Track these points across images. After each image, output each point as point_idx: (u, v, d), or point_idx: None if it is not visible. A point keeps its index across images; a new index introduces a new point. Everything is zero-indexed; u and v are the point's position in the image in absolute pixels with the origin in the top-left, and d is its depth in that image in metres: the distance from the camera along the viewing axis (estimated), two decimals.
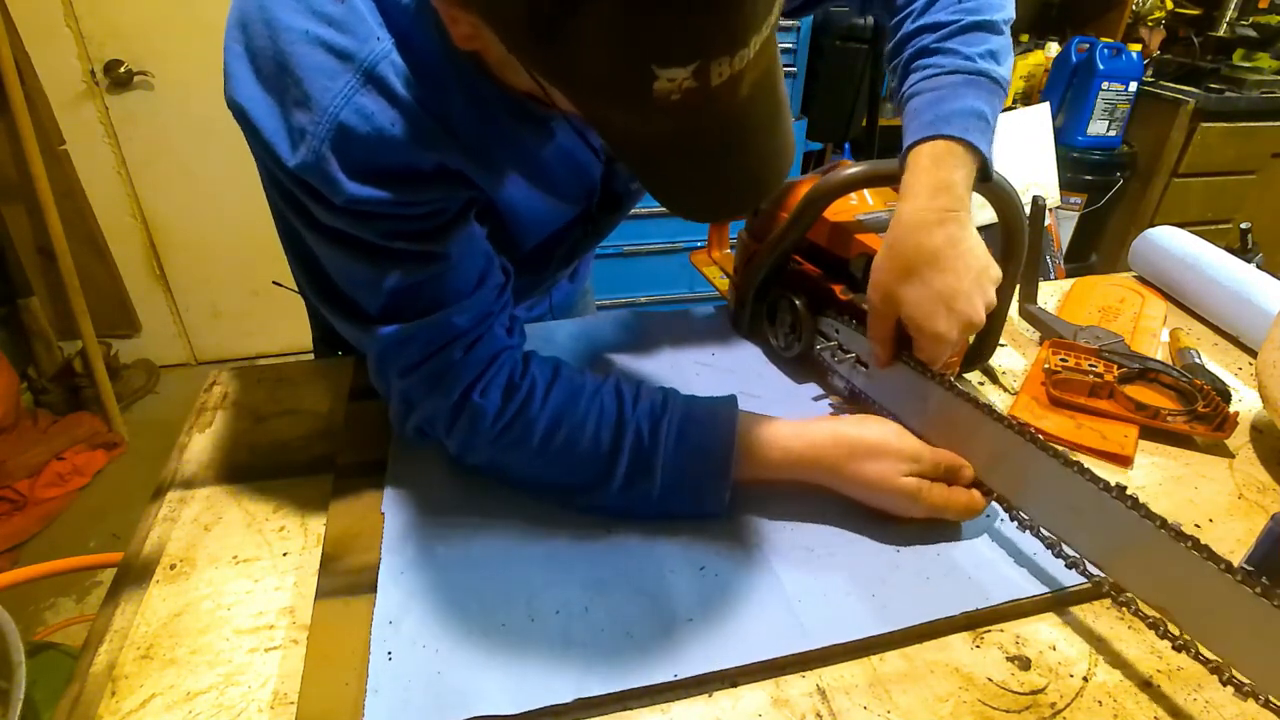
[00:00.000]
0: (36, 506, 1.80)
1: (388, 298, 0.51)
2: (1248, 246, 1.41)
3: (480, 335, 0.54)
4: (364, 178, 0.46)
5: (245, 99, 0.46)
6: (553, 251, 0.71)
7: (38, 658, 0.92)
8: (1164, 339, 0.84)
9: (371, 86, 0.45)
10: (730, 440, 0.54)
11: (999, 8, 0.62)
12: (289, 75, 0.45)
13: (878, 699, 0.44)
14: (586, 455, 0.53)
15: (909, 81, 0.62)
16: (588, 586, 0.50)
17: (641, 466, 0.53)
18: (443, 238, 0.51)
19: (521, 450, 0.54)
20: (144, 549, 0.54)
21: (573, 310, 0.93)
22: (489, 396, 0.53)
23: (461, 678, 0.44)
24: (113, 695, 0.44)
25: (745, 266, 0.74)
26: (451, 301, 0.52)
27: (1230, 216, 2.53)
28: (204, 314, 2.36)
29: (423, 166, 0.49)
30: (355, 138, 0.45)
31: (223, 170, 2.13)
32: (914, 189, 0.57)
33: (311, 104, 0.44)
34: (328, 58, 0.44)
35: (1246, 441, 0.69)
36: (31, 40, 1.86)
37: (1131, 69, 2.34)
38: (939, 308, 0.56)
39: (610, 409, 0.54)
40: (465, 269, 0.53)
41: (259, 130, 0.46)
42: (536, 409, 0.54)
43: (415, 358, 0.53)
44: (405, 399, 0.55)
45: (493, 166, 0.53)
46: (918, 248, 0.56)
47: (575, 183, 0.64)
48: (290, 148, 0.46)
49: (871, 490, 0.54)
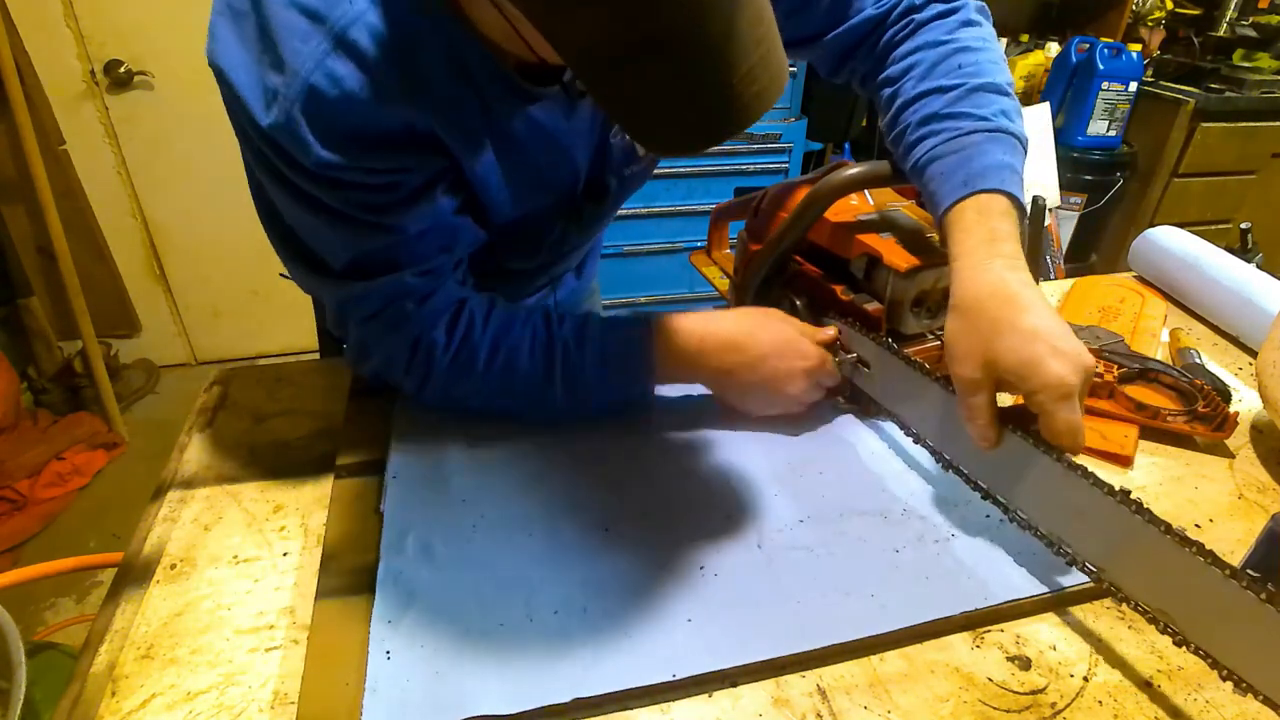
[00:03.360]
0: (36, 506, 1.80)
1: (349, 258, 0.55)
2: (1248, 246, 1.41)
3: (434, 289, 0.58)
4: (332, 142, 0.48)
5: (224, 58, 0.48)
6: (541, 239, 0.71)
7: (38, 658, 0.92)
8: (1164, 339, 0.84)
9: (342, 50, 0.46)
10: (649, 333, 0.61)
11: (999, 71, 0.61)
12: (265, 36, 0.46)
13: (878, 699, 0.44)
14: (525, 370, 0.60)
15: (925, 145, 0.59)
16: (586, 586, 0.50)
17: (574, 372, 0.60)
18: (404, 210, 0.54)
19: (470, 376, 0.60)
20: (144, 549, 0.54)
21: (579, 308, 0.93)
22: (436, 333, 0.59)
23: (460, 677, 0.43)
24: (113, 695, 0.44)
25: (745, 267, 0.74)
26: (408, 265, 0.56)
27: (1230, 216, 2.53)
28: (204, 314, 2.36)
29: (392, 129, 0.50)
30: (325, 101, 0.46)
31: (223, 170, 2.12)
32: (967, 245, 0.54)
33: (284, 66, 0.46)
34: (301, 19, 0.46)
35: (1246, 441, 0.69)
36: (31, 40, 1.86)
37: (1131, 69, 2.34)
38: (1043, 349, 0.48)
39: (540, 329, 0.61)
40: (426, 240, 0.56)
41: (236, 89, 0.48)
42: (478, 335, 0.59)
43: (373, 308, 0.57)
44: (362, 344, 0.60)
45: (466, 133, 0.55)
46: (993, 296, 0.51)
47: (553, 166, 0.64)
48: (264, 108, 0.47)
49: (774, 382, 0.61)
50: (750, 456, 0.62)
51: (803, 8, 0.64)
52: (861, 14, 0.65)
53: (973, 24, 0.64)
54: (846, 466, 0.62)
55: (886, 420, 0.65)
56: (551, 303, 0.86)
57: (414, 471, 0.59)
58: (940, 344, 0.66)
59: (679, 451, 0.62)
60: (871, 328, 0.64)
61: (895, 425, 0.62)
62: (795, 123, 2.11)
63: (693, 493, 0.58)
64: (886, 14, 0.64)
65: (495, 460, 0.61)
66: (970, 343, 0.51)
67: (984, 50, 0.62)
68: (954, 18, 0.63)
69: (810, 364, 0.62)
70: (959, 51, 0.61)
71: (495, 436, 0.62)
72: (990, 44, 0.63)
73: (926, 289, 0.64)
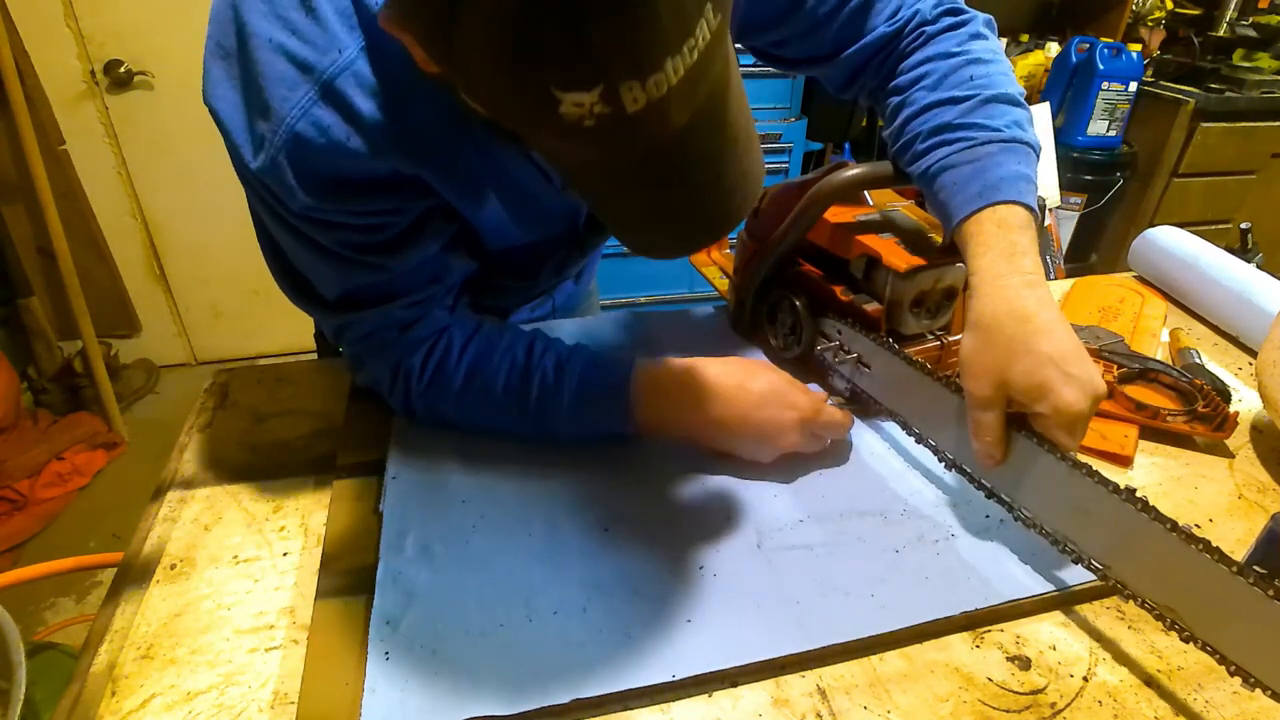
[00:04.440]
0: (36, 506, 1.80)
1: (341, 291, 0.57)
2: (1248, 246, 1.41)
3: (420, 318, 0.60)
4: (317, 188, 0.49)
5: (216, 99, 0.49)
6: (541, 266, 0.73)
7: (38, 658, 0.92)
8: (1164, 339, 0.84)
9: (327, 100, 0.46)
10: (626, 378, 0.59)
11: (1010, 83, 0.61)
12: (252, 81, 0.46)
13: (878, 699, 0.44)
14: (499, 399, 0.60)
15: (937, 154, 0.59)
16: (586, 586, 0.50)
17: (549, 404, 0.60)
18: (392, 251, 0.55)
19: (445, 400, 0.61)
20: (144, 549, 0.54)
21: (576, 311, 0.93)
22: (414, 359, 0.60)
23: (459, 678, 0.44)
24: (113, 695, 0.44)
25: (745, 267, 0.74)
26: (398, 297, 0.58)
27: (1230, 216, 2.53)
28: (204, 314, 2.36)
29: (378, 175, 0.50)
30: (310, 149, 0.47)
31: (223, 170, 2.09)
32: (987, 259, 0.53)
33: (270, 113, 0.46)
34: (288, 67, 0.46)
35: (1246, 441, 0.69)
36: (31, 40, 1.86)
37: (1131, 69, 2.34)
38: (1057, 374, 0.49)
39: (520, 359, 0.61)
40: (415, 274, 0.58)
41: (228, 131, 0.49)
42: (453, 365, 0.60)
43: (362, 332, 0.60)
44: (356, 359, 0.63)
45: (462, 177, 0.55)
46: (1010, 315, 0.51)
47: (553, 204, 0.64)
48: (252, 151, 0.48)
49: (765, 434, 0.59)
50: None
51: (816, 29, 0.63)
52: (875, 31, 0.63)
53: (981, 37, 0.63)
54: (846, 466, 0.62)
55: (887, 420, 0.65)
56: (549, 308, 0.86)
57: (414, 471, 0.59)
58: (940, 344, 0.66)
59: (679, 451, 0.62)
60: (871, 328, 0.64)
61: (895, 425, 0.62)
62: (795, 123, 2.11)
63: (693, 493, 0.58)
64: (900, 30, 0.63)
65: (495, 460, 0.61)
66: (986, 361, 0.51)
67: (995, 63, 0.62)
68: (964, 30, 0.63)
69: (803, 414, 0.58)
70: (971, 63, 0.61)
71: (495, 437, 0.62)
72: (999, 56, 0.63)
73: (926, 289, 0.64)
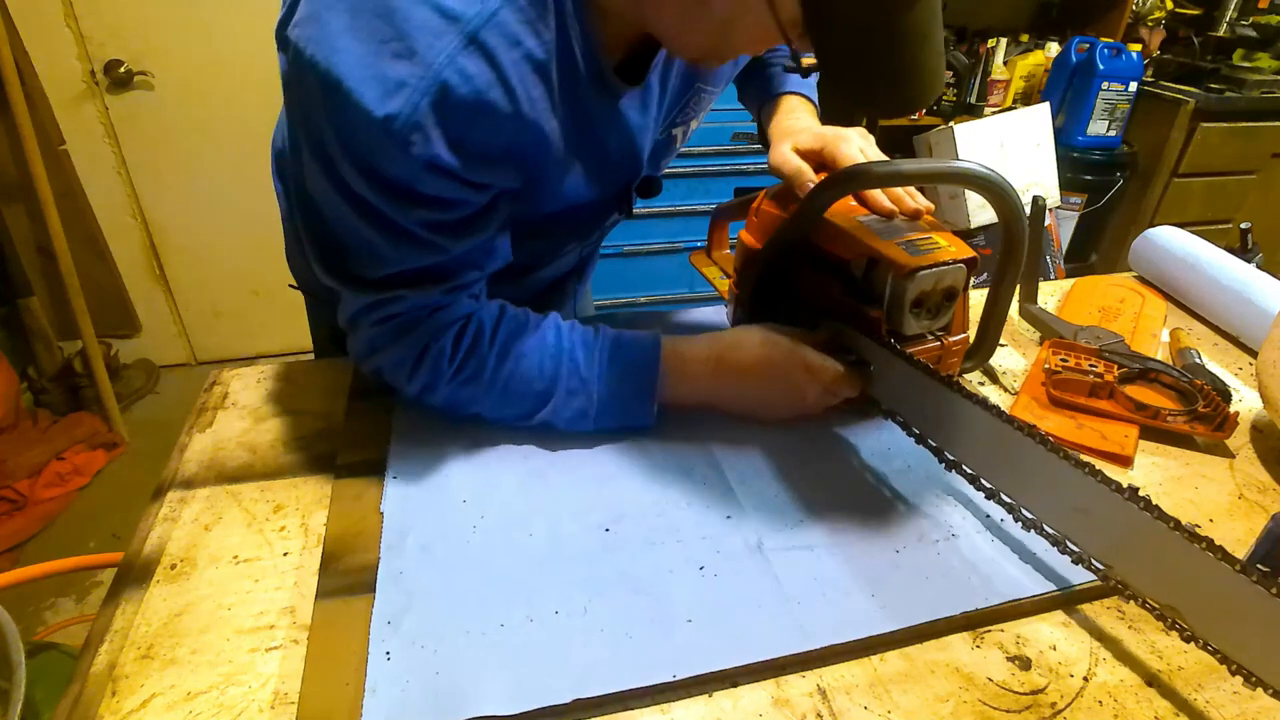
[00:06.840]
0: (36, 506, 1.80)
1: (392, 271, 0.56)
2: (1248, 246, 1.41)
3: (451, 303, 0.59)
4: (448, 142, 0.48)
5: (333, 50, 0.46)
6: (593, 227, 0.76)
7: (38, 658, 0.92)
8: (1164, 339, 0.84)
9: (474, 49, 0.46)
10: (655, 356, 0.62)
11: None
12: (391, 28, 0.45)
13: (878, 699, 0.44)
14: (531, 382, 0.60)
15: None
16: (587, 586, 0.50)
17: (578, 387, 0.60)
18: (459, 232, 0.55)
19: (476, 384, 0.60)
20: (144, 549, 0.54)
21: (576, 309, 0.93)
22: (444, 341, 0.59)
23: (460, 678, 0.43)
24: (113, 695, 0.44)
25: (745, 267, 0.74)
26: (442, 281, 0.58)
27: (1230, 216, 2.53)
28: (204, 314, 2.36)
29: (500, 137, 0.51)
30: (455, 98, 0.46)
31: (223, 170, 2.13)
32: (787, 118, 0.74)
33: (416, 58, 0.45)
34: (433, 15, 0.45)
35: (1246, 441, 0.69)
36: (31, 40, 1.86)
37: (1131, 69, 2.35)
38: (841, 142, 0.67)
39: (550, 340, 0.61)
40: (465, 258, 0.58)
41: (341, 80, 0.46)
42: (486, 347, 0.60)
43: (394, 312, 0.58)
44: (371, 343, 0.60)
45: (554, 133, 0.56)
46: None
47: (624, 158, 0.66)
48: (380, 96, 0.46)
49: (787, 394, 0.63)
50: (751, 456, 0.62)
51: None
52: None
53: None
54: (847, 466, 0.62)
55: (887, 420, 0.65)
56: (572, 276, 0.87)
57: (414, 471, 0.59)
58: (940, 344, 0.66)
59: (679, 451, 0.62)
60: (871, 328, 0.64)
61: (896, 425, 0.62)
62: None
63: (693, 493, 0.58)
64: None
65: (495, 460, 0.61)
66: None
67: None
68: None
69: (825, 376, 0.62)
70: None
71: (496, 437, 0.62)
72: None
73: (926, 290, 0.64)
